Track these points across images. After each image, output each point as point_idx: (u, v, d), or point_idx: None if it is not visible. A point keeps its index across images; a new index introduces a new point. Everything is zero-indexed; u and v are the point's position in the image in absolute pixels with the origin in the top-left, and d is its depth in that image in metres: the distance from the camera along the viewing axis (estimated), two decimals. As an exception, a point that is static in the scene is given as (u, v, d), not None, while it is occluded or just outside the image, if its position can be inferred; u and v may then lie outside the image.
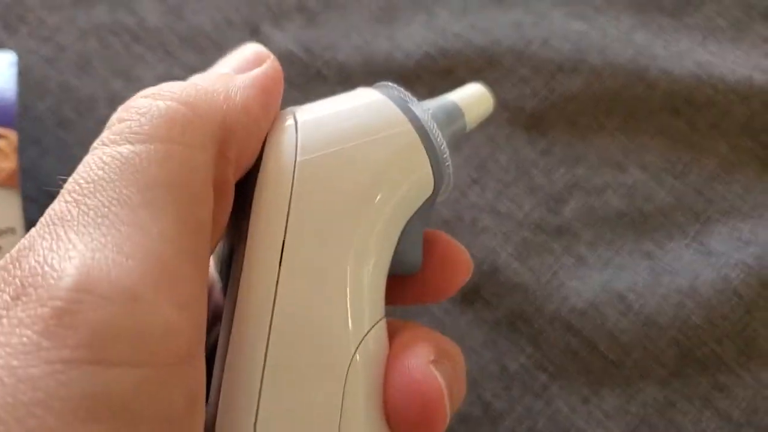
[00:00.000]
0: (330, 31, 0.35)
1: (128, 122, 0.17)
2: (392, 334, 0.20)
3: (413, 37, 0.35)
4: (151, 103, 0.18)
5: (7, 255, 0.15)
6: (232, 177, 0.19)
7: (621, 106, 0.35)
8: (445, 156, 0.21)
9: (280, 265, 0.18)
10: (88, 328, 0.14)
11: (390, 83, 0.22)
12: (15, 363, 0.13)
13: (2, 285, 0.15)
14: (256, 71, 0.20)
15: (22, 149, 0.32)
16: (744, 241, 0.33)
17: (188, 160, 0.17)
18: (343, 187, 0.19)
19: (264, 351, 0.18)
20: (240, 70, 0.21)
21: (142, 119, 0.17)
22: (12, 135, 0.29)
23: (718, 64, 0.35)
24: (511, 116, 0.34)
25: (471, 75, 0.35)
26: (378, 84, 0.22)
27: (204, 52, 0.35)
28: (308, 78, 0.34)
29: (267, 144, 0.20)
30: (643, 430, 0.30)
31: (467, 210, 0.33)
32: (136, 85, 0.34)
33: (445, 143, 0.21)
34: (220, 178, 0.18)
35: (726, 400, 0.31)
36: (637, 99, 0.35)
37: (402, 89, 0.22)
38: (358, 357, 0.19)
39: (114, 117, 0.18)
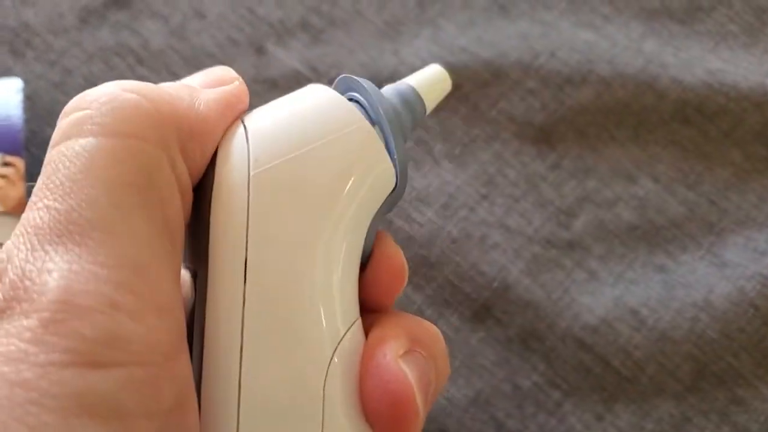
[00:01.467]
0: (335, 48, 0.35)
1: (88, 112, 0.17)
2: (367, 329, 0.20)
3: (419, 52, 0.35)
4: (113, 92, 0.17)
5: None
6: (189, 182, 0.19)
7: (631, 116, 0.34)
8: (404, 146, 0.20)
9: (245, 282, 0.18)
10: (74, 336, 0.15)
11: (347, 75, 0.21)
12: (6, 369, 0.14)
13: None
14: (223, 88, 0.20)
15: (31, 175, 0.32)
16: (760, 252, 0.32)
17: (152, 158, 0.17)
18: (302, 195, 0.19)
19: (238, 373, 0.18)
20: (207, 86, 0.21)
21: (103, 108, 0.17)
22: (19, 163, 0.29)
23: (730, 71, 0.35)
24: (519, 130, 0.34)
25: (478, 89, 0.34)
26: (339, 77, 0.22)
27: (209, 72, 0.35)
28: (314, 96, 0.34)
29: (218, 157, 0.19)
30: (659, 447, 0.30)
31: (476, 226, 0.32)
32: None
33: (402, 133, 0.20)
34: (179, 180, 0.18)
35: (744, 414, 0.30)
36: (648, 109, 0.34)
37: (355, 79, 0.21)
38: (334, 363, 0.19)
39: (70, 105, 0.18)
